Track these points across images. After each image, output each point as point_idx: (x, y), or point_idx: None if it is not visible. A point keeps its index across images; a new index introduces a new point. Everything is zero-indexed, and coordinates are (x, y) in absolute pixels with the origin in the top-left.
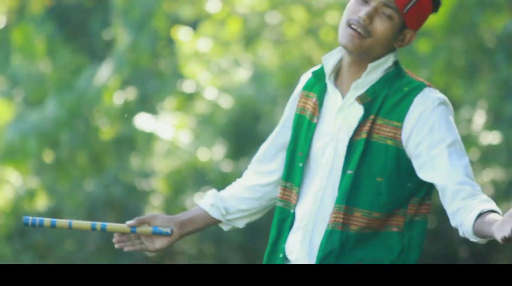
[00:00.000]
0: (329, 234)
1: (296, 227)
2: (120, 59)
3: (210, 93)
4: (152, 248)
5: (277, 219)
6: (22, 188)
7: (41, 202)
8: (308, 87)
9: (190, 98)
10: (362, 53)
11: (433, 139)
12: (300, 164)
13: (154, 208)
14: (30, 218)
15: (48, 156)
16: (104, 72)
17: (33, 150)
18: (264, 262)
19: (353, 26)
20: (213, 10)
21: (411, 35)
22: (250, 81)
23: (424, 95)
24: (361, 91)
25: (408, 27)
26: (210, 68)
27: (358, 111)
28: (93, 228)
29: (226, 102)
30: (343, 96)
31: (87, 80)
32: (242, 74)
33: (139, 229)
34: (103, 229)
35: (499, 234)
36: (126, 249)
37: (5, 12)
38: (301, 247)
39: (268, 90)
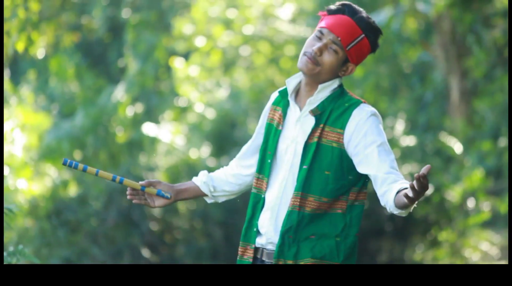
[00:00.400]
0: (289, 214)
1: (266, 208)
2: (131, 82)
3: (199, 107)
4: (152, 205)
5: (252, 202)
6: (58, 179)
7: (72, 189)
8: (276, 103)
9: (183, 111)
10: (313, 76)
11: (367, 141)
12: (269, 161)
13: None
14: (68, 160)
15: (77, 155)
16: (119, 91)
17: (66, 150)
18: (242, 234)
19: (307, 55)
20: (200, 45)
21: (352, 68)
22: (228, 98)
23: (360, 109)
24: (313, 106)
25: (350, 61)
26: (198, 88)
27: (311, 121)
28: (113, 179)
29: (210, 114)
30: (300, 109)
31: (106, 97)
32: (222, 93)
33: (147, 189)
34: (121, 182)
35: (409, 190)
36: (134, 201)
37: (45, 45)
38: (269, 223)
39: (242, 105)
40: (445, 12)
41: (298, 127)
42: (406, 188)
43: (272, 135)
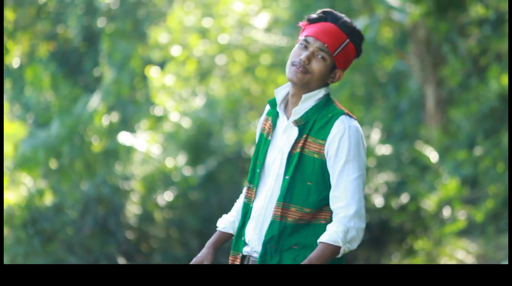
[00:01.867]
0: (271, 224)
1: (251, 217)
2: (106, 91)
3: (174, 116)
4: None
5: (243, 211)
6: (33, 188)
7: (48, 198)
8: (268, 113)
9: (159, 120)
10: (303, 86)
11: (337, 157)
12: (258, 170)
13: (133, 203)
14: None
15: (53, 164)
16: (95, 100)
17: (42, 160)
18: (232, 243)
19: (295, 65)
20: (176, 54)
21: (340, 74)
22: (204, 107)
23: (340, 121)
24: (298, 116)
25: (337, 68)
26: (174, 97)
27: (295, 131)
28: None
29: (186, 123)
30: (288, 119)
31: (82, 106)
32: (198, 102)
33: None
34: None
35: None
36: None
37: (20, 54)
38: (253, 232)
39: (217, 114)
40: (420, 21)
41: (285, 137)
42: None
43: (262, 145)
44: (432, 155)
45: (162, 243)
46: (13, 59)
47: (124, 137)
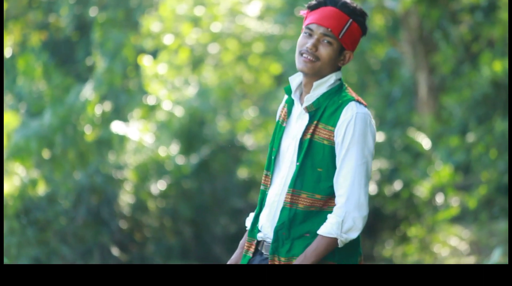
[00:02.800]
0: (282, 210)
1: (266, 204)
2: (99, 80)
3: (167, 105)
4: None
5: (260, 198)
6: (26, 178)
7: (41, 188)
8: (286, 101)
9: (152, 109)
10: (315, 74)
11: (343, 143)
12: (273, 157)
13: (126, 192)
14: None
15: (46, 154)
16: (87, 90)
17: (34, 149)
18: (249, 230)
19: (304, 54)
20: (168, 42)
21: (349, 55)
22: (197, 96)
23: (349, 107)
24: (309, 103)
25: (346, 49)
26: (166, 86)
27: (306, 118)
28: None
29: (179, 112)
30: (302, 106)
31: (75, 96)
32: (191, 91)
33: None
34: None
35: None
36: None
37: (11, 45)
38: (266, 219)
39: (210, 102)
40: (412, 9)
41: (298, 124)
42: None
43: (277, 131)
44: (425, 142)
45: (156, 232)
46: (5, 49)
47: (117, 127)
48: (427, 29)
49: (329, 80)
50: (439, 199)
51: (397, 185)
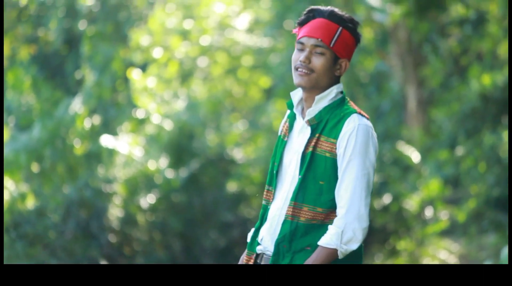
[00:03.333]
0: (283, 223)
1: (268, 218)
2: (88, 93)
3: (156, 119)
4: None
5: (261, 213)
6: (15, 192)
7: (30, 202)
8: (288, 116)
9: (141, 122)
10: (312, 87)
11: (344, 155)
12: (274, 171)
13: (115, 206)
14: None
15: (35, 167)
16: (76, 103)
17: (24, 163)
18: (248, 244)
19: (299, 69)
20: (158, 56)
21: (345, 63)
22: (186, 109)
23: (351, 119)
24: (311, 116)
25: (340, 58)
26: (155, 99)
27: (308, 131)
28: None
29: (168, 125)
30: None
31: (64, 109)
32: (180, 104)
33: None
34: None
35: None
36: None
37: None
38: (267, 233)
39: (199, 116)
40: (401, 22)
41: (300, 138)
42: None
43: (279, 146)
44: (414, 156)
45: (145, 246)
46: None
47: (106, 140)
48: (416, 42)
49: (331, 94)
50: (429, 212)
51: (387, 199)
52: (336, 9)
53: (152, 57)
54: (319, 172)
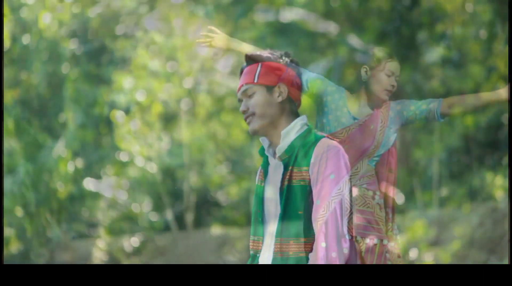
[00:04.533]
0: (273, 260)
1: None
2: (71, 136)
3: (140, 161)
4: None
5: (249, 262)
6: None
7: (14, 246)
8: (261, 165)
9: (124, 165)
10: (266, 127)
11: (318, 178)
12: (260, 219)
13: (99, 250)
14: None
15: (19, 212)
16: (60, 147)
17: (8, 207)
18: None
19: (246, 120)
20: (141, 98)
21: (280, 87)
22: (169, 152)
23: (320, 144)
24: (281, 152)
25: (272, 85)
26: (139, 142)
27: (281, 167)
28: None
29: (152, 168)
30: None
31: (47, 153)
32: (163, 147)
33: None
34: None
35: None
36: None
37: None
38: None
39: (183, 159)
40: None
41: (276, 177)
42: None
43: (258, 193)
44: (398, 197)
45: None
46: None
47: (89, 183)
48: (399, 83)
49: (295, 127)
50: (413, 254)
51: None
52: (257, 52)
53: (136, 100)
54: (297, 203)
